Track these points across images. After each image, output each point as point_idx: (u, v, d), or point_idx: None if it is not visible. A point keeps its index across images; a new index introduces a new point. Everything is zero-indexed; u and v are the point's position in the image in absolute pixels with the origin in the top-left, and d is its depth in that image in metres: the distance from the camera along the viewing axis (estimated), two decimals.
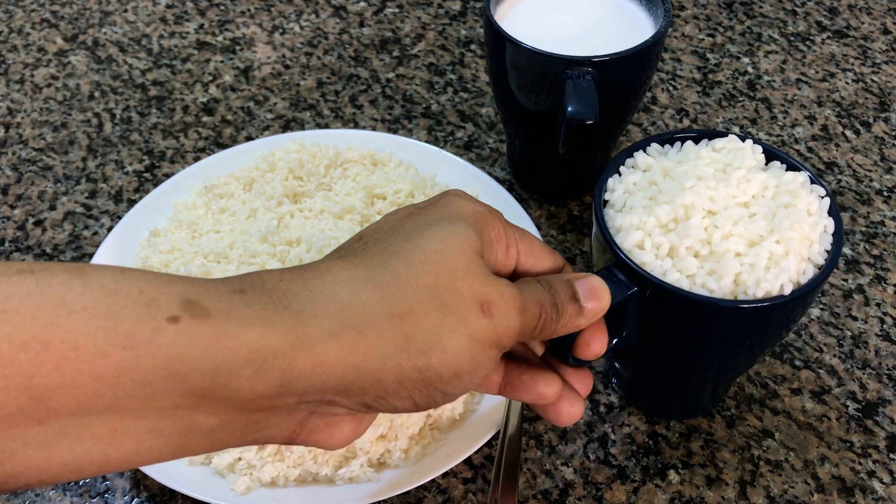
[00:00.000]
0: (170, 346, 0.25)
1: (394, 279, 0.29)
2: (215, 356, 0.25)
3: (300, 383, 0.26)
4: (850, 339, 0.52)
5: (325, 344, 0.27)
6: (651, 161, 0.42)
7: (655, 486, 0.45)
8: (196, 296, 0.26)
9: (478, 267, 0.30)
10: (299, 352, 0.26)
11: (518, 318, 0.30)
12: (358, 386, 0.28)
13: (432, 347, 0.28)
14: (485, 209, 0.33)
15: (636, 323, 0.39)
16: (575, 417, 0.35)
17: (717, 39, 0.74)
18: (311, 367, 0.26)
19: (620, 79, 0.49)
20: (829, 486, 0.45)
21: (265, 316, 0.26)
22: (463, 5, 0.78)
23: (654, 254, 0.38)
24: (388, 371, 0.28)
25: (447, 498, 0.44)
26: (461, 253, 0.30)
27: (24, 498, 0.45)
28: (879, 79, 0.70)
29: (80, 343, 0.24)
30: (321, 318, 0.27)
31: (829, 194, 0.40)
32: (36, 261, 0.56)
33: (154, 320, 0.25)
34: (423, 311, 0.28)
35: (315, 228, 0.50)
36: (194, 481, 0.42)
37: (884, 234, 0.58)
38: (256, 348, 0.26)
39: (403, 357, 0.28)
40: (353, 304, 0.28)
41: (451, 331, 0.28)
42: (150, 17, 0.76)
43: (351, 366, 0.27)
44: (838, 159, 0.63)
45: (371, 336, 0.27)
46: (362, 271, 0.29)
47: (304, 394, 0.27)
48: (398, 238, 0.31)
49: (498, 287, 0.30)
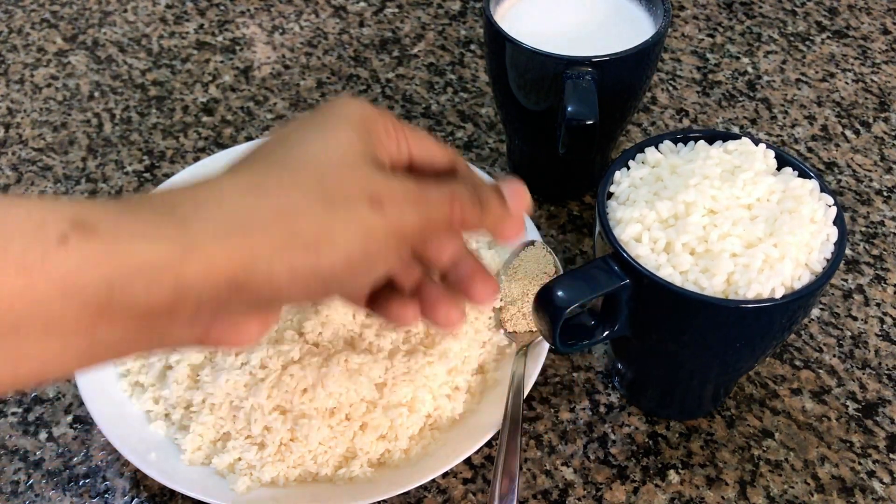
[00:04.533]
0: (61, 266, 0.25)
1: (278, 183, 0.29)
2: (107, 272, 0.26)
3: (193, 290, 0.27)
4: (850, 339, 0.52)
5: (213, 248, 0.27)
6: (660, 157, 0.42)
7: (655, 486, 0.45)
8: (84, 215, 0.26)
9: (364, 165, 0.31)
10: (188, 259, 0.27)
11: (414, 211, 0.30)
12: (250, 286, 0.28)
13: (321, 243, 0.28)
14: (372, 110, 0.33)
15: (629, 315, 0.40)
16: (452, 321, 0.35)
17: (716, 39, 0.74)
18: (202, 273, 0.27)
19: (620, 79, 0.49)
20: (829, 486, 0.45)
21: (152, 228, 0.27)
22: (463, 5, 0.78)
23: (650, 248, 0.38)
24: (278, 268, 0.28)
25: (447, 498, 0.44)
26: (346, 154, 0.30)
27: (24, 498, 0.45)
28: (879, 79, 0.70)
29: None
30: (207, 225, 0.27)
31: (837, 204, 0.40)
32: None
33: (44, 242, 0.25)
34: (310, 210, 0.29)
35: None
36: (194, 481, 0.42)
37: (884, 234, 0.58)
38: (146, 260, 0.26)
39: (292, 253, 0.28)
40: (238, 209, 0.28)
41: (341, 226, 0.29)
42: (150, 17, 0.76)
43: (240, 267, 0.27)
44: (838, 159, 0.63)
45: (258, 236, 0.28)
46: (247, 179, 0.30)
47: (199, 300, 0.27)
48: (283, 147, 0.31)
49: (388, 182, 0.31)
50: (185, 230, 0.27)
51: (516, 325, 0.48)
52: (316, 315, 0.45)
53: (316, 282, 0.29)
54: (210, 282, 0.27)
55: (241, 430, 0.43)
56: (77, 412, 0.48)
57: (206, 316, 0.29)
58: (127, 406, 0.46)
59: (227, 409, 0.44)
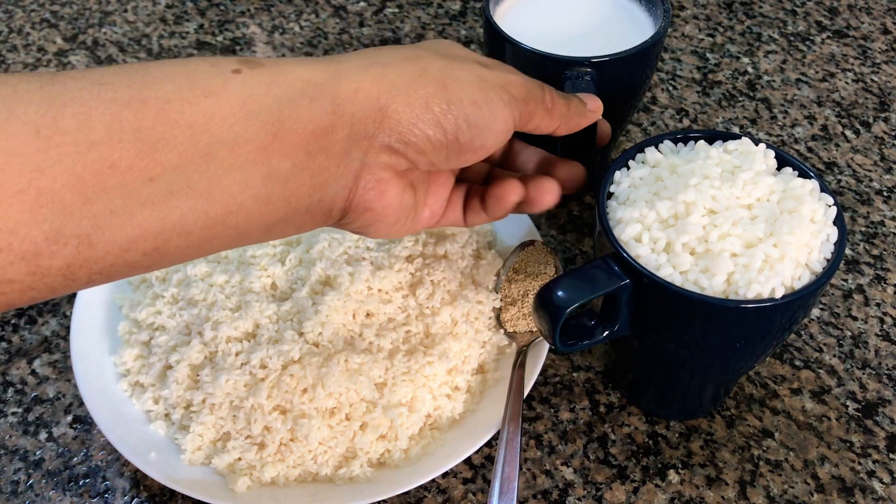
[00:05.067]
0: (240, 89, 0.30)
1: (402, 46, 0.36)
2: (277, 91, 0.30)
3: (347, 108, 0.32)
4: (849, 339, 0.52)
5: (359, 74, 0.33)
6: (660, 157, 0.42)
7: (655, 486, 0.45)
8: (248, 58, 0.32)
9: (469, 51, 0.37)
10: (340, 80, 0.32)
11: (517, 76, 0.37)
12: (393, 110, 0.33)
13: (446, 78, 0.34)
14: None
15: (629, 315, 0.40)
16: (549, 201, 0.41)
17: (717, 39, 0.74)
18: (353, 92, 0.32)
19: (620, 79, 0.49)
20: (829, 486, 0.45)
21: (305, 61, 0.33)
22: (463, 5, 0.78)
23: (650, 247, 0.38)
24: (415, 94, 0.33)
25: (447, 498, 0.44)
26: (454, 44, 0.38)
27: (24, 498, 0.45)
28: (879, 79, 0.70)
29: (170, 97, 0.28)
30: (351, 61, 0.33)
31: (837, 204, 0.40)
32: None
33: (222, 74, 0.30)
34: (433, 59, 0.35)
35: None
36: (194, 481, 0.42)
37: (884, 234, 0.58)
38: (307, 80, 0.31)
39: (424, 81, 0.33)
40: (372, 53, 0.34)
41: (459, 69, 0.35)
42: (150, 17, 0.76)
43: (384, 91, 0.33)
44: (838, 159, 0.63)
45: (394, 69, 0.33)
46: (372, 48, 0.36)
47: (353, 120, 0.32)
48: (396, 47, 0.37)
49: (491, 59, 0.37)
50: (334, 64, 0.33)
51: (516, 325, 0.48)
52: (316, 315, 0.45)
53: (446, 112, 0.34)
54: (360, 101, 0.32)
55: (241, 430, 0.43)
56: (77, 412, 0.48)
57: (357, 154, 0.33)
58: (127, 406, 0.46)
59: (227, 409, 0.44)
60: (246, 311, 0.46)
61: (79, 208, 0.27)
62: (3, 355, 0.51)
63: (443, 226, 0.42)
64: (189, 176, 0.28)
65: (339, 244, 0.48)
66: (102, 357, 0.47)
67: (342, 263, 0.48)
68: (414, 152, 0.34)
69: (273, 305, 0.46)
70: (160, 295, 0.49)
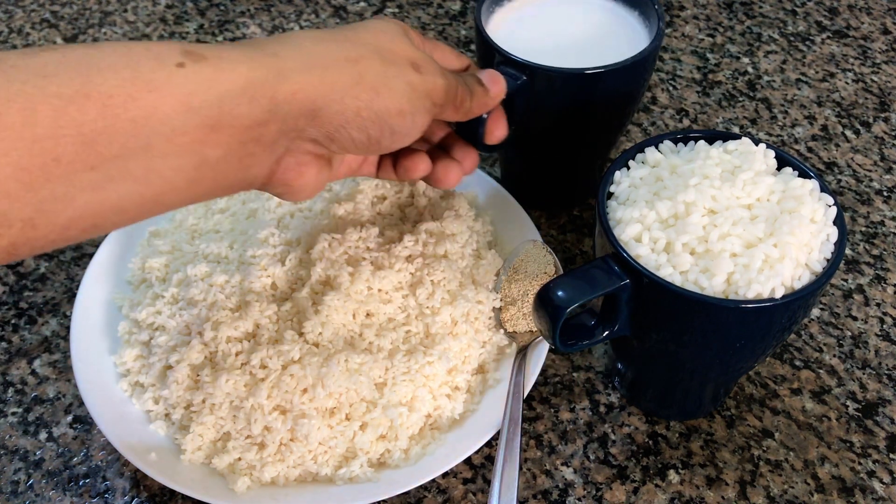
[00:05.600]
0: (182, 84, 0.31)
1: (344, 37, 0.37)
2: (218, 88, 0.31)
3: (283, 108, 0.33)
4: (849, 339, 0.52)
5: (300, 76, 0.34)
6: (660, 157, 0.42)
7: (655, 486, 0.45)
8: (191, 48, 0.32)
9: (405, 42, 0.39)
10: (281, 81, 0.33)
11: (442, 79, 0.38)
12: (326, 112, 0.34)
13: (380, 86, 0.36)
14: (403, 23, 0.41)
15: (629, 315, 0.40)
16: (451, 183, 0.44)
17: (717, 39, 0.74)
18: (291, 94, 0.33)
19: (616, 89, 0.48)
20: (829, 486, 0.45)
21: (250, 56, 0.33)
22: (463, 5, 0.78)
23: (650, 247, 0.38)
24: (349, 101, 0.35)
25: (447, 498, 0.44)
26: (392, 35, 0.39)
27: (24, 498, 0.45)
28: (879, 79, 0.70)
29: (114, 92, 0.29)
30: (293, 59, 0.34)
31: (837, 204, 0.40)
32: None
33: (166, 67, 0.30)
34: (370, 60, 0.36)
35: (314, 229, 0.50)
36: (194, 481, 0.42)
37: (884, 234, 0.58)
38: (248, 78, 0.32)
39: (359, 90, 0.35)
40: (315, 50, 0.35)
41: (394, 76, 0.36)
42: (150, 17, 0.76)
43: (320, 94, 0.34)
44: (838, 159, 0.63)
45: (333, 72, 0.35)
46: (317, 34, 0.37)
47: (286, 118, 0.34)
48: (338, 30, 0.38)
49: (423, 55, 0.39)
50: (276, 61, 0.33)
51: (516, 325, 0.48)
52: (316, 315, 0.45)
53: (374, 121, 0.36)
54: (296, 104, 0.33)
55: (241, 430, 0.43)
56: (77, 412, 0.48)
57: (285, 141, 0.35)
58: (127, 406, 0.46)
59: (227, 409, 0.44)
60: (246, 311, 0.46)
61: (23, 196, 0.28)
62: (3, 355, 0.51)
63: (355, 176, 0.45)
64: (128, 164, 0.30)
65: (340, 244, 0.48)
66: (102, 357, 0.47)
67: (342, 264, 0.48)
68: (337, 147, 0.37)
69: (273, 306, 0.46)
70: (160, 295, 0.49)
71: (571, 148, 0.53)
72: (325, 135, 0.35)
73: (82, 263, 0.56)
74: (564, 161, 0.55)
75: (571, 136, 0.51)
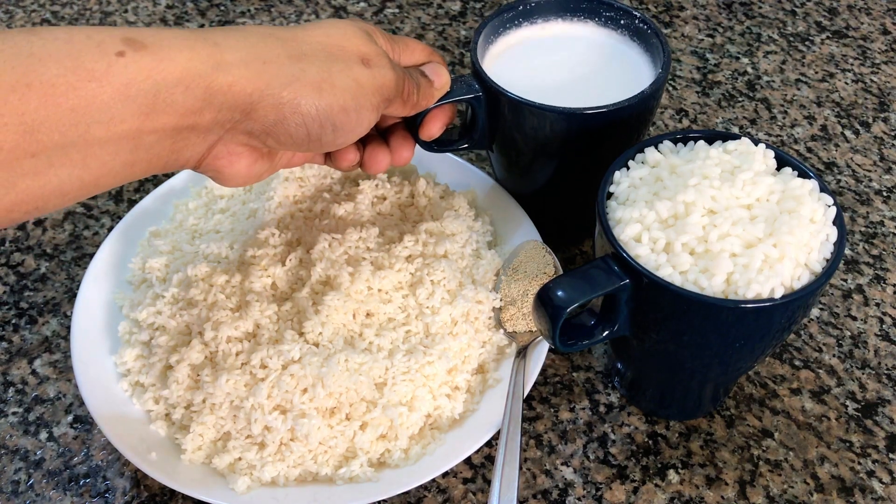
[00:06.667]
0: (122, 74, 0.31)
1: (293, 36, 0.37)
2: (156, 78, 0.32)
3: (218, 99, 0.34)
4: (849, 339, 0.52)
5: (237, 69, 0.34)
6: (660, 157, 0.42)
7: (655, 485, 0.45)
8: (133, 34, 0.32)
9: (359, 37, 0.39)
10: (217, 73, 0.33)
11: (393, 73, 0.39)
12: (262, 107, 0.35)
13: (323, 82, 0.36)
14: (367, 23, 0.42)
15: (629, 315, 0.40)
16: (377, 170, 0.45)
17: (716, 39, 0.74)
18: (227, 85, 0.34)
19: (619, 125, 0.46)
20: (829, 486, 0.45)
21: (191, 45, 0.33)
22: (463, 6, 0.78)
23: (649, 248, 0.38)
24: (286, 97, 0.35)
25: (447, 498, 0.45)
26: (350, 32, 0.39)
27: (24, 498, 0.45)
28: (879, 79, 0.70)
29: (55, 81, 0.30)
30: (234, 50, 0.34)
31: (837, 204, 0.40)
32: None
33: (106, 57, 0.31)
34: (315, 57, 0.36)
35: (315, 229, 0.50)
36: (194, 481, 0.42)
37: (883, 234, 0.58)
38: (186, 69, 0.33)
39: (298, 86, 0.35)
40: (259, 45, 0.35)
41: (338, 73, 0.37)
42: (150, 17, 0.76)
43: (257, 89, 0.34)
44: (838, 159, 0.63)
45: (273, 68, 0.35)
46: (271, 30, 0.37)
47: (220, 109, 0.34)
48: (289, 28, 0.39)
49: (376, 49, 0.39)
50: (216, 51, 0.34)
51: (516, 325, 0.48)
52: (316, 315, 0.45)
53: (314, 118, 0.36)
54: (232, 94, 0.34)
55: (242, 429, 0.43)
56: (77, 412, 0.48)
57: (219, 130, 0.35)
58: (127, 406, 0.46)
59: (227, 409, 0.44)
60: (246, 311, 0.46)
61: None
62: (3, 355, 0.51)
63: (297, 166, 0.46)
64: (67, 150, 0.31)
65: (340, 244, 0.49)
66: (103, 357, 0.47)
67: (342, 264, 0.48)
68: (273, 142, 0.37)
69: (273, 305, 0.46)
70: (160, 295, 0.49)
71: (574, 183, 0.51)
72: (262, 129, 0.36)
73: (83, 263, 0.56)
74: (569, 196, 0.53)
75: (574, 172, 0.50)
